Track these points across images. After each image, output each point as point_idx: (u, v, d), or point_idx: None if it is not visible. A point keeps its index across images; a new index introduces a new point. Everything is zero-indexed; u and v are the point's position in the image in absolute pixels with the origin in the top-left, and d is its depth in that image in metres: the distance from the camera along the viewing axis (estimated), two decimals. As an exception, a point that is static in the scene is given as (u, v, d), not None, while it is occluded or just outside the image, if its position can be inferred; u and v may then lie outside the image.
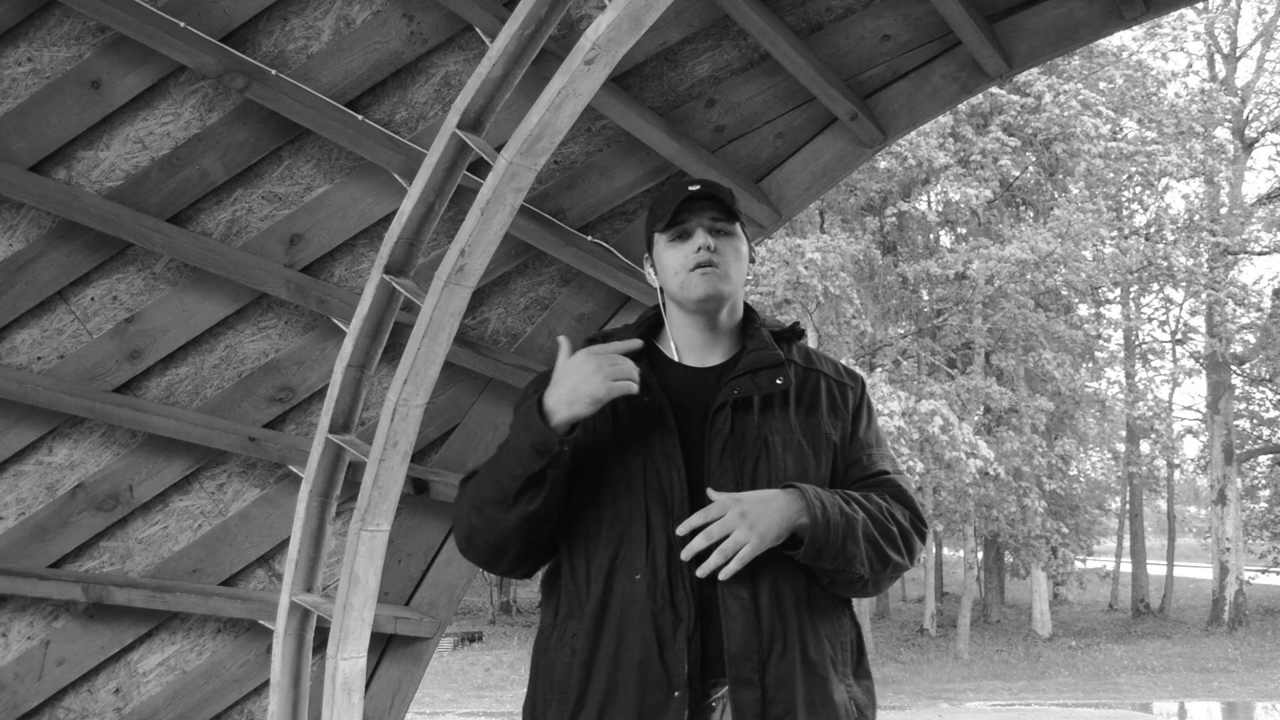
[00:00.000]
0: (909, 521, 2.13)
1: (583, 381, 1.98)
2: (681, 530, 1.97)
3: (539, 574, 2.20)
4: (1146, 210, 26.95)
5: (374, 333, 3.53)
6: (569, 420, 1.99)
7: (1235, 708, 18.43)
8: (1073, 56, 23.44)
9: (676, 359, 2.17)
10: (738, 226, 2.17)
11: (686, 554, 1.96)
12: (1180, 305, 29.03)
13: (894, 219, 23.72)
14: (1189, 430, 30.37)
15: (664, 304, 2.21)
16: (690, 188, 2.13)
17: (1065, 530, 24.99)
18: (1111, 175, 23.94)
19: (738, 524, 1.94)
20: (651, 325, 2.23)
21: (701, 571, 1.96)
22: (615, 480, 2.05)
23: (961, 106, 21.43)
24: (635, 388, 1.99)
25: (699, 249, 2.10)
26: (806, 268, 20.31)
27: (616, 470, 2.05)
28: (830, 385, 2.20)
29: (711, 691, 2.00)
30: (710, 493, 1.99)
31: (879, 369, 23.37)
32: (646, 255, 2.24)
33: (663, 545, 2.00)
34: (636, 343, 2.06)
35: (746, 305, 2.23)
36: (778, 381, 2.11)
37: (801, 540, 1.98)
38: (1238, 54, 28.06)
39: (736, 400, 2.08)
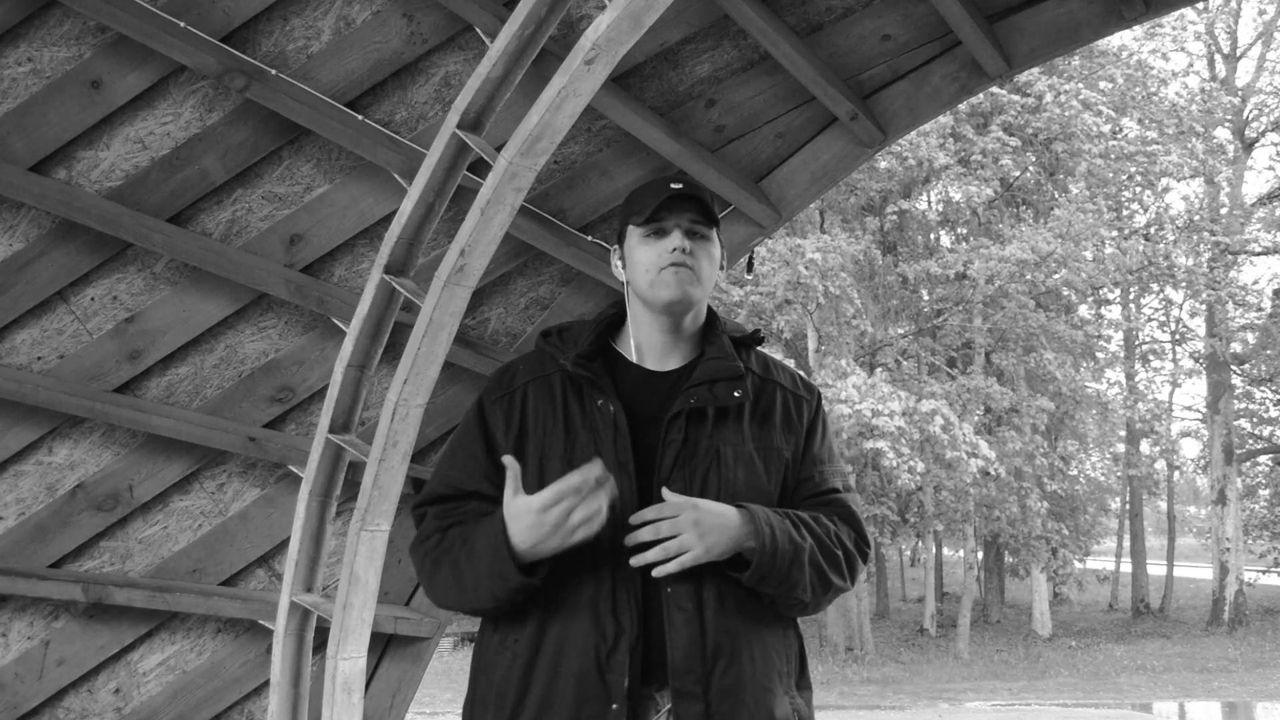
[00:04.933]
0: (853, 543, 2.10)
1: (534, 543, 1.89)
2: (634, 520, 1.93)
3: None
4: (1146, 210, 26.96)
5: (374, 333, 3.53)
6: (536, 559, 1.93)
7: (1235, 708, 18.42)
8: (1073, 56, 23.43)
9: (635, 360, 2.13)
10: (714, 231, 2.14)
11: (630, 541, 1.93)
12: (1180, 305, 29.04)
13: (894, 218, 23.71)
14: (1186, 432, 30.36)
15: (628, 300, 2.16)
16: (673, 185, 2.10)
17: (1066, 531, 24.99)
18: (1112, 175, 23.94)
19: (689, 529, 1.91)
20: (611, 323, 2.18)
21: (636, 562, 1.92)
22: None
23: (962, 106, 21.43)
24: (595, 530, 1.89)
25: (674, 249, 2.06)
26: (807, 268, 20.31)
27: (566, 474, 1.98)
28: (786, 398, 2.16)
29: (652, 703, 1.97)
30: (665, 492, 1.96)
31: (879, 369, 23.37)
32: (616, 247, 2.20)
33: (608, 553, 1.96)
34: (595, 469, 1.89)
35: (710, 309, 2.19)
36: (735, 395, 2.06)
37: (747, 562, 1.95)
38: (1238, 54, 28.06)
39: (691, 410, 2.04)
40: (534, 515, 1.88)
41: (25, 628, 3.81)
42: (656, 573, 1.92)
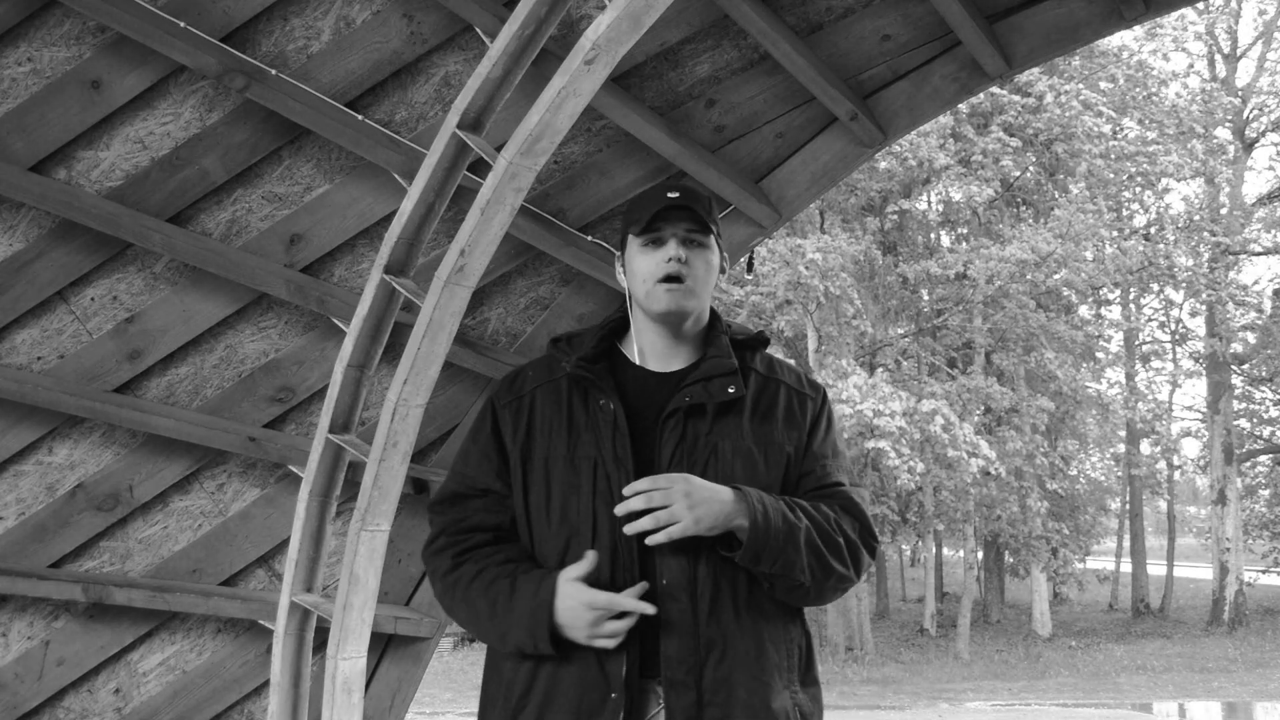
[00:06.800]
0: (857, 534, 2.12)
1: (571, 628, 1.99)
2: (627, 491, 1.98)
3: None
4: (1147, 210, 26.96)
5: (374, 333, 3.53)
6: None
7: (1235, 708, 18.42)
8: (1073, 56, 23.44)
9: (639, 362, 2.18)
10: (711, 239, 2.17)
11: (620, 510, 1.98)
12: (1180, 306, 29.04)
13: (894, 218, 23.71)
14: (1186, 432, 30.36)
15: (630, 306, 2.21)
16: (670, 194, 2.13)
17: (1066, 531, 24.99)
18: (1112, 175, 23.93)
19: (679, 500, 1.95)
20: (618, 327, 2.23)
21: (629, 529, 1.98)
22: (567, 482, 2.07)
23: (962, 106, 21.44)
24: (611, 645, 1.98)
25: (669, 260, 2.11)
26: (807, 268, 20.31)
27: (569, 473, 2.08)
28: (790, 395, 2.20)
29: (654, 696, 2.02)
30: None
31: (880, 369, 23.37)
32: (619, 254, 2.25)
33: (608, 547, 2.02)
34: (646, 607, 1.98)
35: (712, 310, 2.24)
36: (729, 390, 2.11)
37: (740, 541, 1.99)
38: (1238, 54, 28.05)
39: (690, 407, 2.09)
40: (582, 605, 1.97)
41: (25, 628, 3.81)
42: (649, 541, 1.98)
